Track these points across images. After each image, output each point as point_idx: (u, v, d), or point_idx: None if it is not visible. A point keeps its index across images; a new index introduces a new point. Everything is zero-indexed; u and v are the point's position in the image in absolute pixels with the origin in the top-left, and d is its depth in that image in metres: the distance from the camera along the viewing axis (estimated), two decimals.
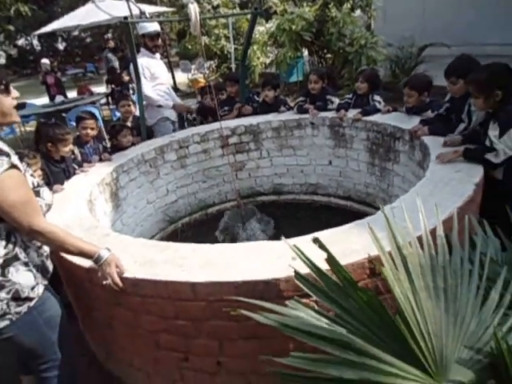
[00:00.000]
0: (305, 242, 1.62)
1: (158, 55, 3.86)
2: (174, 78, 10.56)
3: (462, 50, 9.93)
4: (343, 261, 1.32)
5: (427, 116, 2.93)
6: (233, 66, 8.58)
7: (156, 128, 3.87)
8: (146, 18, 6.52)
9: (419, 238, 1.37)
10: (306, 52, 6.98)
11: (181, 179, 3.86)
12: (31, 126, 7.72)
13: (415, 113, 3.08)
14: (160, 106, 3.84)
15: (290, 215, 3.93)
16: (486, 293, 1.24)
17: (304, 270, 1.26)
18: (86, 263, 1.74)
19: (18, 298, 1.54)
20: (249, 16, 5.30)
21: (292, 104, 4.11)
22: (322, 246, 1.08)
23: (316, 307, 1.04)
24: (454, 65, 2.50)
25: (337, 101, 3.73)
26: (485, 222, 1.79)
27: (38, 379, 1.79)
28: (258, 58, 8.64)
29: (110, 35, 20.01)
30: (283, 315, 0.97)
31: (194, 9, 2.98)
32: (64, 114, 6.80)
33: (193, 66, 10.00)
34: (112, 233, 2.08)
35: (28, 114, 7.50)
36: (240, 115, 4.10)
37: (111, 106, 7.83)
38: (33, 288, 1.58)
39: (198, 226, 4.01)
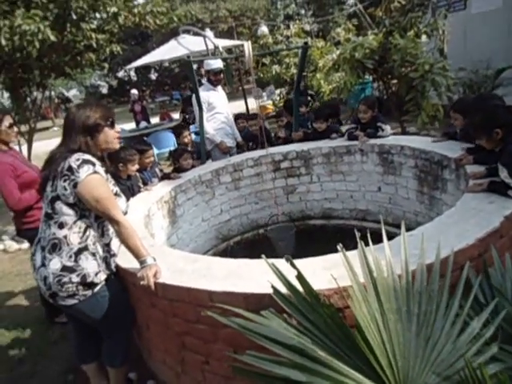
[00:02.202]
0: (310, 263, 1.76)
1: (219, 87, 4.29)
2: (246, 104, 11.19)
3: None
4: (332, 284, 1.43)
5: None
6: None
7: (212, 153, 4.25)
8: (220, 52, 7.15)
9: (429, 266, 1.44)
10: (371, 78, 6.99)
11: (234, 200, 4.15)
12: None
13: (464, 136, 3.00)
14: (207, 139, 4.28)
15: (340, 240, 3.98)
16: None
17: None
18: (132, 268, 2.06)
19: (85, 283, 1.94)
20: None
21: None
22: (293, 265, 1.22)
23: (288, 319, 1.17)
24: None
25: (388, 127, 3.75)
26: (508, 257, 1.75)
27: (104, 341, 2.23)
28: (328, 85, 8.85)
29: None
30: (253, 322, 1.13)
31: (247, 46, 3.31)
32: (145, 138, 7.66)
33: (264, 93, 10.51)
34: (156, 244, 2.40)
35: None
36: (293, 141, 4.31)
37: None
38: (96, 274, 1.97)
39: (248, 245, 4.23)
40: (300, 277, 1.18)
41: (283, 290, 1.34)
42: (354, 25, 10.37)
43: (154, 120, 11.35)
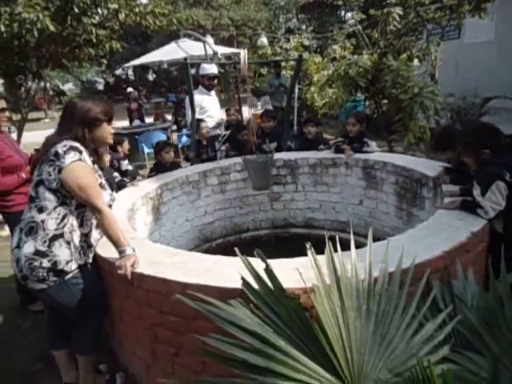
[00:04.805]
0: (282, 263, 1.83)
1: (212, 92, 4.38)
2: (240, 111, 11.29)
3: None
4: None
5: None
6: (295, 104, 9.05)
7: None
8: (219, 58, 7.25)
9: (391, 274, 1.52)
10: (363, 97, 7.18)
11: (219, 203, 4.20)
12: None
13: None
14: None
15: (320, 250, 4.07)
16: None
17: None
18: (110, 257, 2.09)
19: (55, 270, 1.96)
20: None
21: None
22: (263, 259, 1.28)
23: (254, 309, 1.23)
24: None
25: (374, 144, 3.87)
26: (470, 270, 1.84)
27: (74, 327, 2.22)
28: (321, 99, 9.03)
29: None
30: (220, 309, 1.19)
31: (243, 54, 3.40)
32: (136, 136, 7.69)
33: (259, 103, 10.64)
34: (138, 237, 2.44)
35: None
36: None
37: (178, 133, 8.69)
38: (67, 262, 1.99)
39: (230, 249, 4.27)
40: (268, 270, 1.25)
41: (253, 283, 1.40)
42: (352, 44, 10.63)
43: (149, 120, 11.40)
